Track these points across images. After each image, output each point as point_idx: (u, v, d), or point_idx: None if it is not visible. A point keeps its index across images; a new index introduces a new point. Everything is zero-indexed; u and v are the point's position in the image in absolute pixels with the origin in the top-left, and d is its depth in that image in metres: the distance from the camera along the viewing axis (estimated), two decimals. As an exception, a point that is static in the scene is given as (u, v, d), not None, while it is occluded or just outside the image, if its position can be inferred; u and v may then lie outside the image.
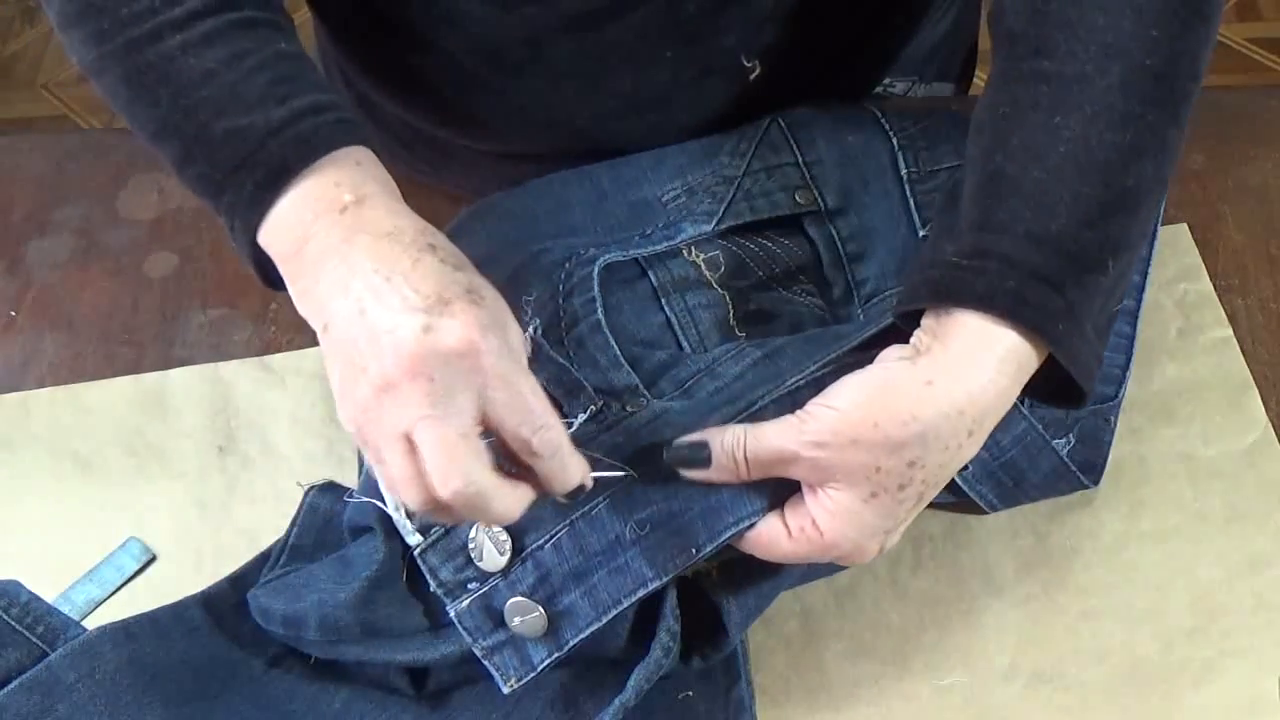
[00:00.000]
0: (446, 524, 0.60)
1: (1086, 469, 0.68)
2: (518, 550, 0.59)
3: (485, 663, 0.59)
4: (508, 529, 0.59)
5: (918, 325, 0.56)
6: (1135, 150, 0.55)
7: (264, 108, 0.56)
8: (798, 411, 0.55)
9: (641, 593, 0.57)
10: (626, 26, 0.70)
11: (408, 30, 0.71)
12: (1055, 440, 0.66)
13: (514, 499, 0.53)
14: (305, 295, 0.55)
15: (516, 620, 0.58)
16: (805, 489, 0.56)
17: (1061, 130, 0.55)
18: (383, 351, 0.51)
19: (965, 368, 0.54)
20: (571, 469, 0.54)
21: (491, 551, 0.59)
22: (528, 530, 0.59)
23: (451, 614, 0.59)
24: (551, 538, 0.59)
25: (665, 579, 0.57)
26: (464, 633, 0.59)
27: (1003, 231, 0.55)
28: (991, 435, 0.63)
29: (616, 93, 0.74)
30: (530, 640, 0.59)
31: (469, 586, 0.60)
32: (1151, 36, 0.55)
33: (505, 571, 0.59)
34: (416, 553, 0.60)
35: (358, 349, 0.52)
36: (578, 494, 0.55)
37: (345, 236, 0.54)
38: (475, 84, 0.74)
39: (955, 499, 0.66)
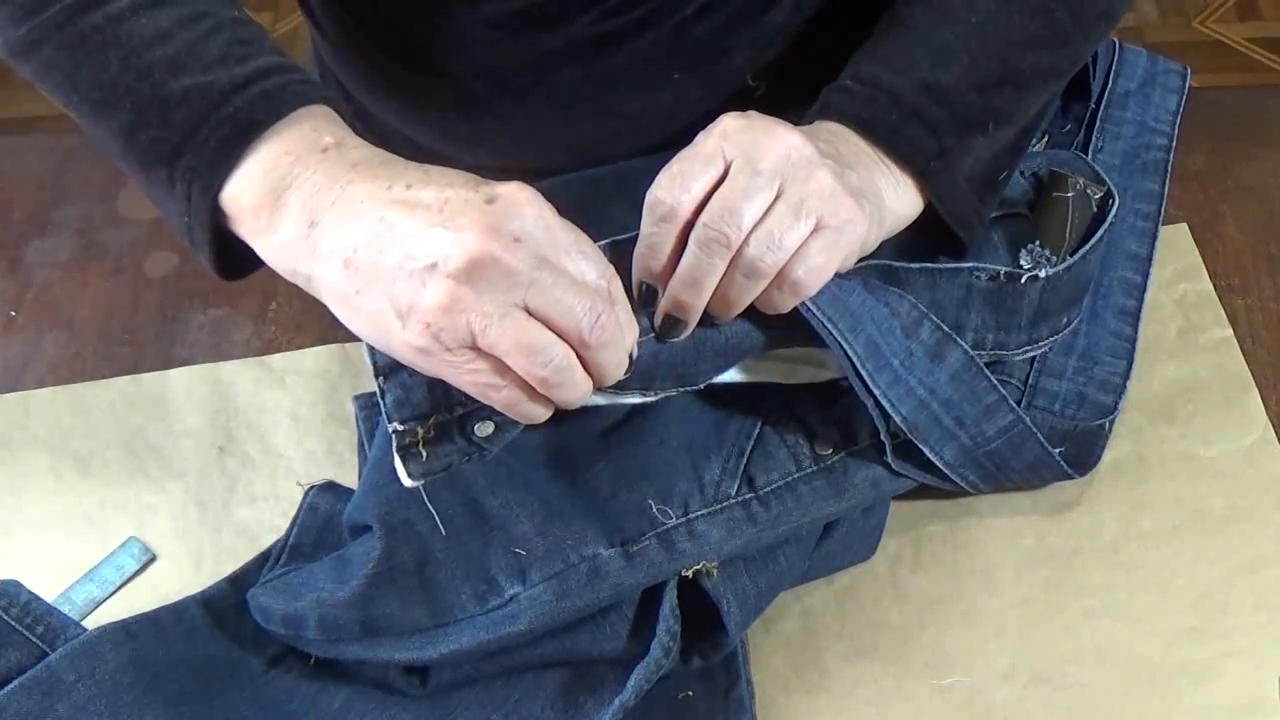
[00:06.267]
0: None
1: (1075, 465, 0.68)
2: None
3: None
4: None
5: None
6: (1037, 39, 0.63)
7: (225, 66, 0.54)
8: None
9: None
10: (634, 51, 0.69)
11: (411, 52, 0.71)
12: (1054, 450, 0.66)
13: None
14: (290, 245, 0.52)
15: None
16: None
17: (978, 3, 0.62)
18: (446, 238, 0.48)
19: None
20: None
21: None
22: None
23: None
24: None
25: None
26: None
27: (899, 72, 0.61)
28: (977, 426, 0.63)
29: (622, 115, 0.73)
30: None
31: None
32: None
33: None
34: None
35: (408, 253, 0.49)
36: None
37: (337, 172, 0.52)
38: (480, 106, 0.73)
39: (938, 481, 0.66)
